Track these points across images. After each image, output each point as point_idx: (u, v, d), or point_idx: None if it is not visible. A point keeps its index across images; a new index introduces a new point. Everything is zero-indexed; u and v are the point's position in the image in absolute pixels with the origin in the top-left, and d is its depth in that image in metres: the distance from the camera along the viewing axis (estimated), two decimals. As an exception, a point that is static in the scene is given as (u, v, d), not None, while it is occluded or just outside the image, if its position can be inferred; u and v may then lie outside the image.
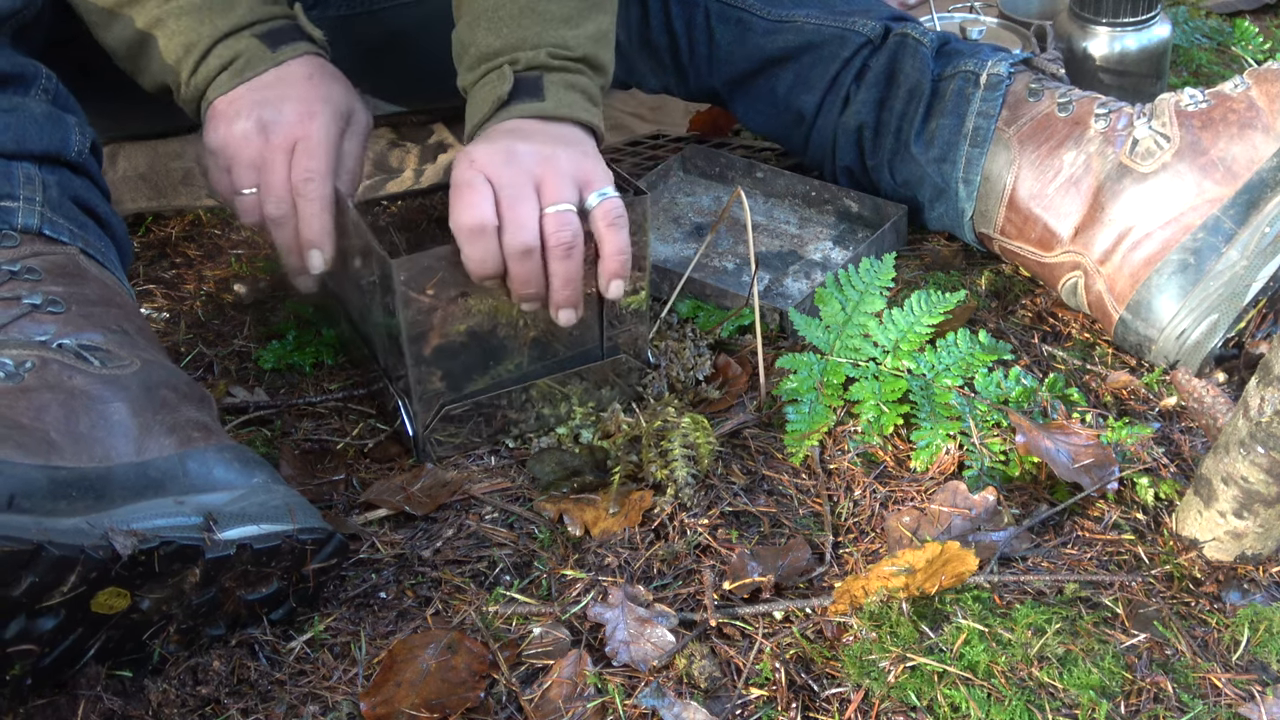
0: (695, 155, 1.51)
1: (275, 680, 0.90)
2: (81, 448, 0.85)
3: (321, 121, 1.08)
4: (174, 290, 1.35)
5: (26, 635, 0.80)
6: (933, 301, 1.17)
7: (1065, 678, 0.89)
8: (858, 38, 1.37)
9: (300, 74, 1.11)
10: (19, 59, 1.06)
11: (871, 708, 0.88)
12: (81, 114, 1.10)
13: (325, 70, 1.13)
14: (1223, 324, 1.16)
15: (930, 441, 1.08)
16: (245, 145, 1.08)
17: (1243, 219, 1.17)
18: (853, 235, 1.40)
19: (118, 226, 1.09)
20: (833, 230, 1.40)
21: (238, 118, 1.08)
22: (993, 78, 1.31)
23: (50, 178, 1.02)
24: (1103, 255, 1.22)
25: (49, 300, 0.93)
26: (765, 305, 1.25)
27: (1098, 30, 1.54)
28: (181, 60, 1.11)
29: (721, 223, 1.35)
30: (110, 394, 0.89)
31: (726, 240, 1.39)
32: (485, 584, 0.98)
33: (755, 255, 1.23)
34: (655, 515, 1.04)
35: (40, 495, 0.81)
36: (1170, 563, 1.00)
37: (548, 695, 0.88)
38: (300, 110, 1.08)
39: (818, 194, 1.43)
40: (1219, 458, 0.98)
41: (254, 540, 0.87)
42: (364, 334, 1.15)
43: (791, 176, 1.44)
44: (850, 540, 1.03)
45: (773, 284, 1.33)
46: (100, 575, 0.81)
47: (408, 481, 1.08)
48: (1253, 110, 1.20)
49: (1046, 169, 1.26)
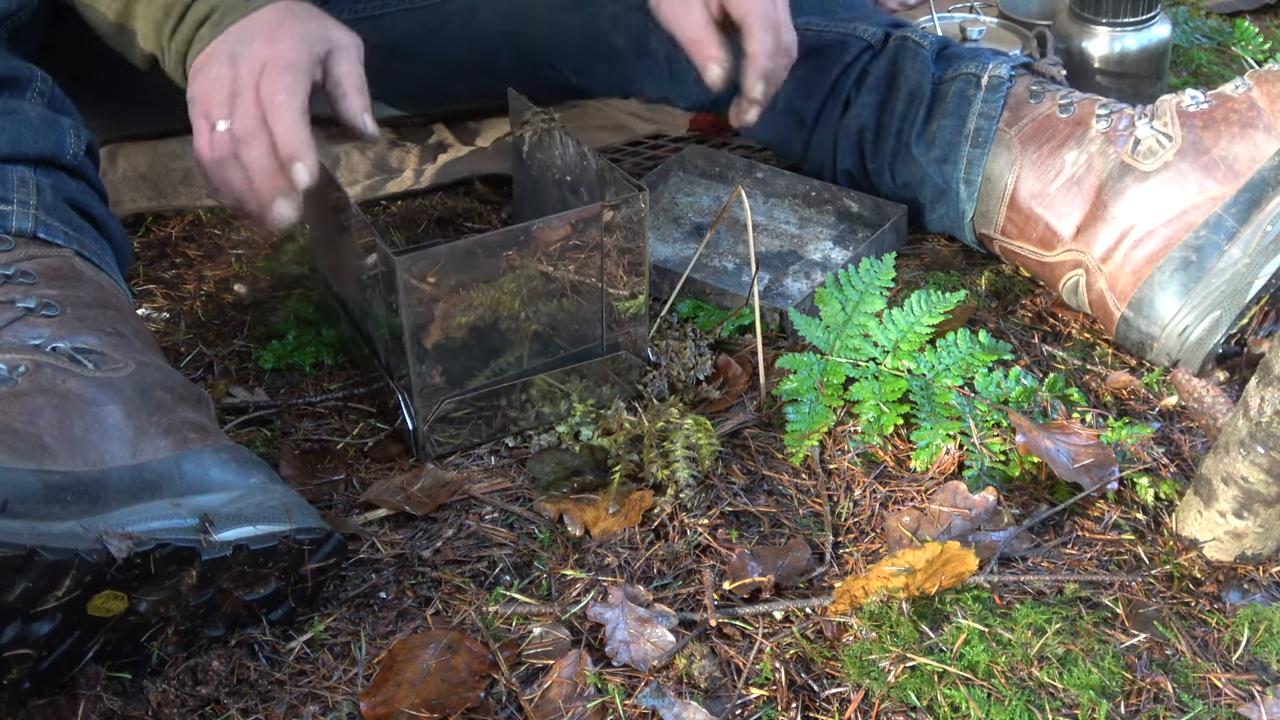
0: (695, 155, 1.51)
1: (275, 680, 0.90)
2: (75, 451, 0.85)
3: (290, 44, 1.05)
4: (174, 290, 1.35)
5: (22, 640, 0.80)
6: (933, 301, 1.16)
7: (1065, 678, 0.89)
8: (858, 43, 1.37)
9: (273, 17, 1.08)
10: (14, 62, 1.06)
11: (871, 708, 0.87)
12: (78, 116, 1.10)
13: (300, 10, 1.10)
14: (1225, 321, 1.16)
15: (930, 441, 1.08)
16: (217, 85, 1.05)
17: (1245, 217, 1.17)
18: (853, 235, 1.39)
19: (114, 228, 1.09)
20: (833, 230, 1.40)
21: (211, 64, 1.06)
22: (994, 80, 1.31)
23: (45, 181, 1.02)
24: (1104, 253, 1.22)
25: (43, 304, 0.93)
26: (765, 305, 1.25)
27: (1098, 30, 1.54)
28: (161, 25, 1.10)
29: (721, 222, 1.35)
30: (104, 397, 0.89)
31: (726, 240, 1.39)
32: (485, 584, 0.98)
33: (755, 255, 1.23)
34: (655, 515, 1.04)
35: (34, 500, 0.80)
36: (1170, 563, 1.00)
37: (548, 695, 0.88)
38: (268, 36, 1.06)
39: (818, 194, 1.43)
40: (1219, 458, 0.97)
41: (251, 541, 0.87)
42: (364, 332, 1.15)
43: (792, 176, 1.44)
44: (850, 540, 1.03)
45: (773, 284, 1.33)
46: (95, 579, 0.81)
47: (408, 481, 1.07)
48: (1254, 110, 1.20)
49: (1048, 169, 1.26)
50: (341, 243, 1.12)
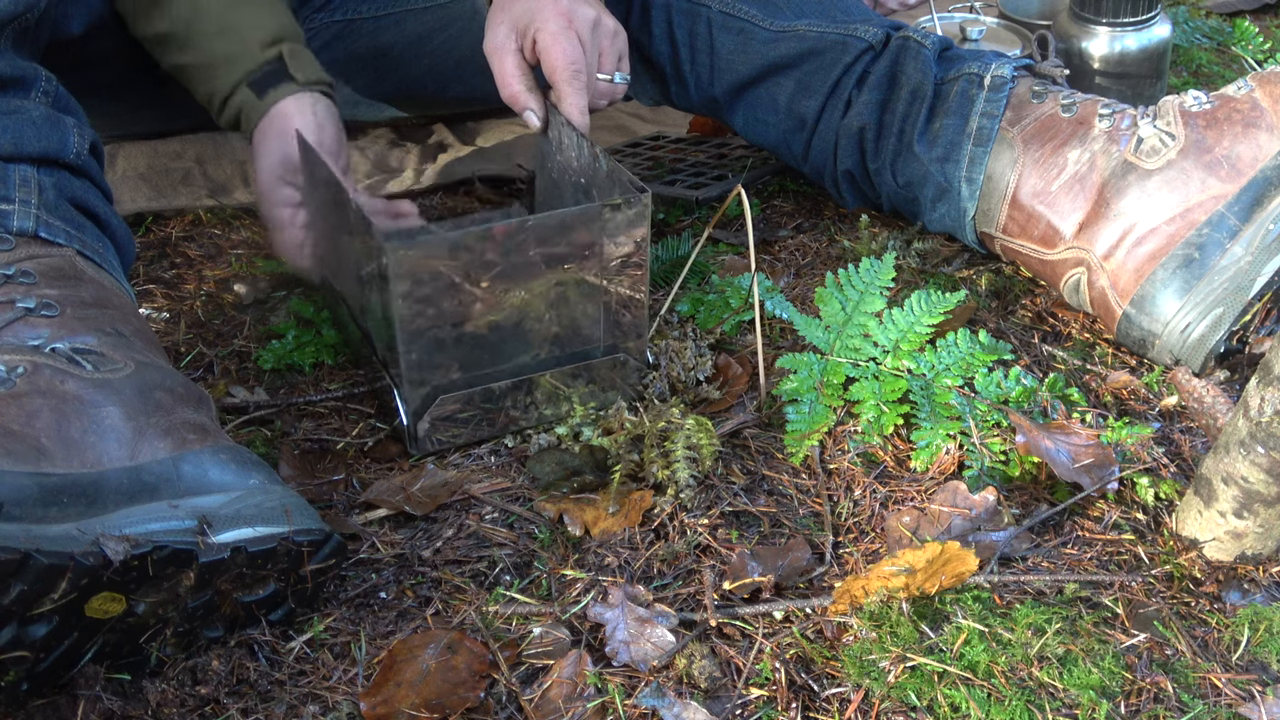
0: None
1: (275, 680, 0.90)
2: (73, 453, 0.85)
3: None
4: (174, 290, 1.35)
5: (19, 642, 0.80)
6: (933, 301, 1.16)
7: (1065, 678, 0.89)
8: (859, 43, 1.37)
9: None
10: (19, 62, 1.06)
11: (871, 708, 0.87)
12: (82, 115, 1.10)
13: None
14: (1226, 319, 1.16)
15: (930, 441, 1.08)
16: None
17: (1247, 215, 1.17)
18: None
19: (118, 227, 1.09)
20: None
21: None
22: (996, 79, 1.31)
23: (47, 180, 1.02)
24: (1107, 251, 1.22)
25: (43, 304, 0.93)
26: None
27: (1098, 30, 1.54)
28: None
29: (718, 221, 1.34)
30: (103, 398, 0.89)
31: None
32: (485, 584, 0.98)
33: (755, 254, 1.23)
34: (655, 515, 1.04)
35: (30, 502, 0.80)
36: (1170, 563, 1.00)
37: (548, 695, 0.88)
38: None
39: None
40: (1219, 458, 0.97)
41: (249, 543, 0.87)
42: (364, 330, 1.15)
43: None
44: (850, 540, 1.03)
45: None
46: (92, 581, 0.80)
47: (408, 481, 1.07)
48: (1257, 110, 1.20)
49: (1050, 167, 1.26)
50: (342, 240, 1.12)
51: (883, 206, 1.43)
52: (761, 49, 1.40)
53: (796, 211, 1.51)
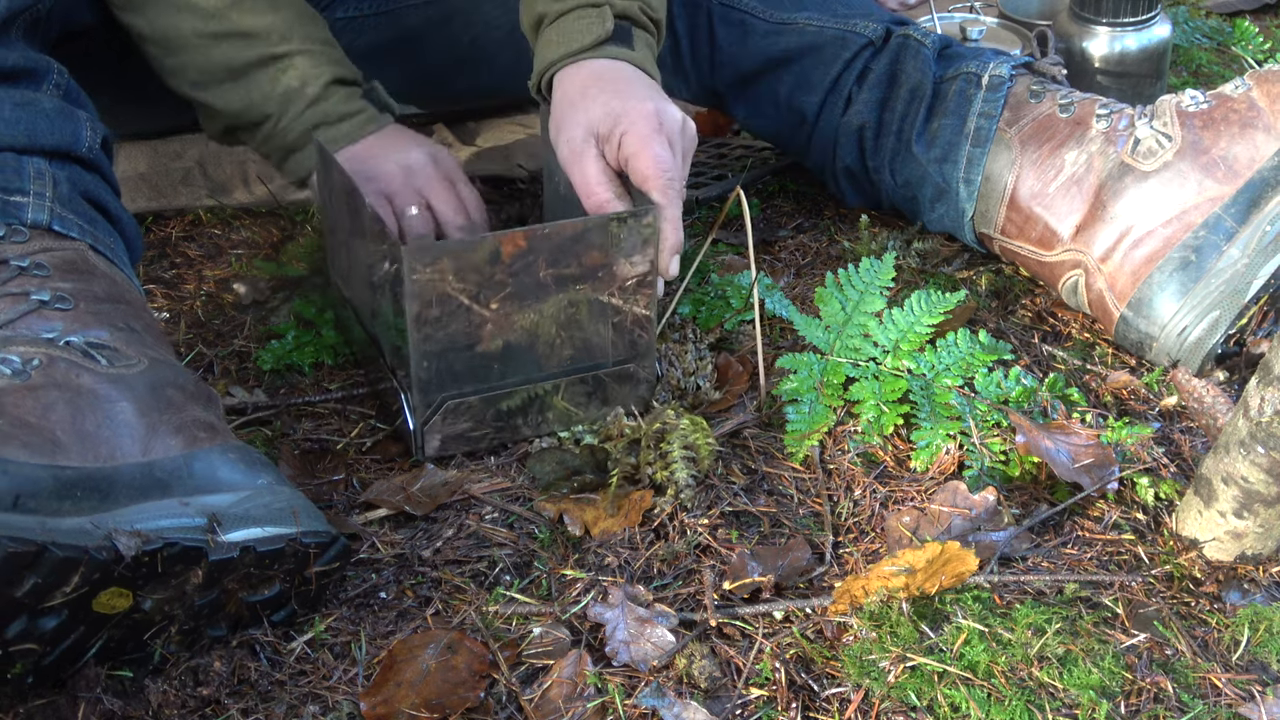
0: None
1: (275, 680, 0.90)
2: (87, 447, 0.85)
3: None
4: (174, 290, 1.35)
5: (28, 635, 0.81)
6: (933, 301, 1.17)
7: (1065, 678, 0.89)
8: (859, 39, 1.37)
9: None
10: (31, 54, 1.06)
11: (871, 708, 0.88)
12: (93, 109, 1.10)
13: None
14: (1224, 321, 1.16)
15: (930, 441, 1.08)
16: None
17: (1244, 217, 1.17)
18: None
19: (128, 223, 1.09)
20: None
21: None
22: (994, 79, 1.31)
23: (61, 173, 1.02)
24: (1104, 253, 1.22)
25: (57, 296, 0.93)
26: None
27: (1098, 30, 1.54)
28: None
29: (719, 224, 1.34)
30: (117, 393, 0.89)
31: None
32: (485, 584, 0.98)
33: (755, 254, 1.23)
34: (655, 515, 1.04)
35: (45, 495, 0.80)
36: (1170, 563, 1.00)
37: (548, 695, 0.88)
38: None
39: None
40: (1219, 458, 0.97)
41: (257, 543, 0.87)
42: (372, 334, 1.15)
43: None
44: (850, 540, 1.03)
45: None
46: (103, 576, 0.81)
47: (408, 481, 1.08)
48: (1254, 110, 1.20)
49: (1048, 168, 1.26)
50: (356, 245, 1.12)
51: (882, 204, 1.43)
52: (761, 42, 1.40)
53: (796, 211, 1.51)
